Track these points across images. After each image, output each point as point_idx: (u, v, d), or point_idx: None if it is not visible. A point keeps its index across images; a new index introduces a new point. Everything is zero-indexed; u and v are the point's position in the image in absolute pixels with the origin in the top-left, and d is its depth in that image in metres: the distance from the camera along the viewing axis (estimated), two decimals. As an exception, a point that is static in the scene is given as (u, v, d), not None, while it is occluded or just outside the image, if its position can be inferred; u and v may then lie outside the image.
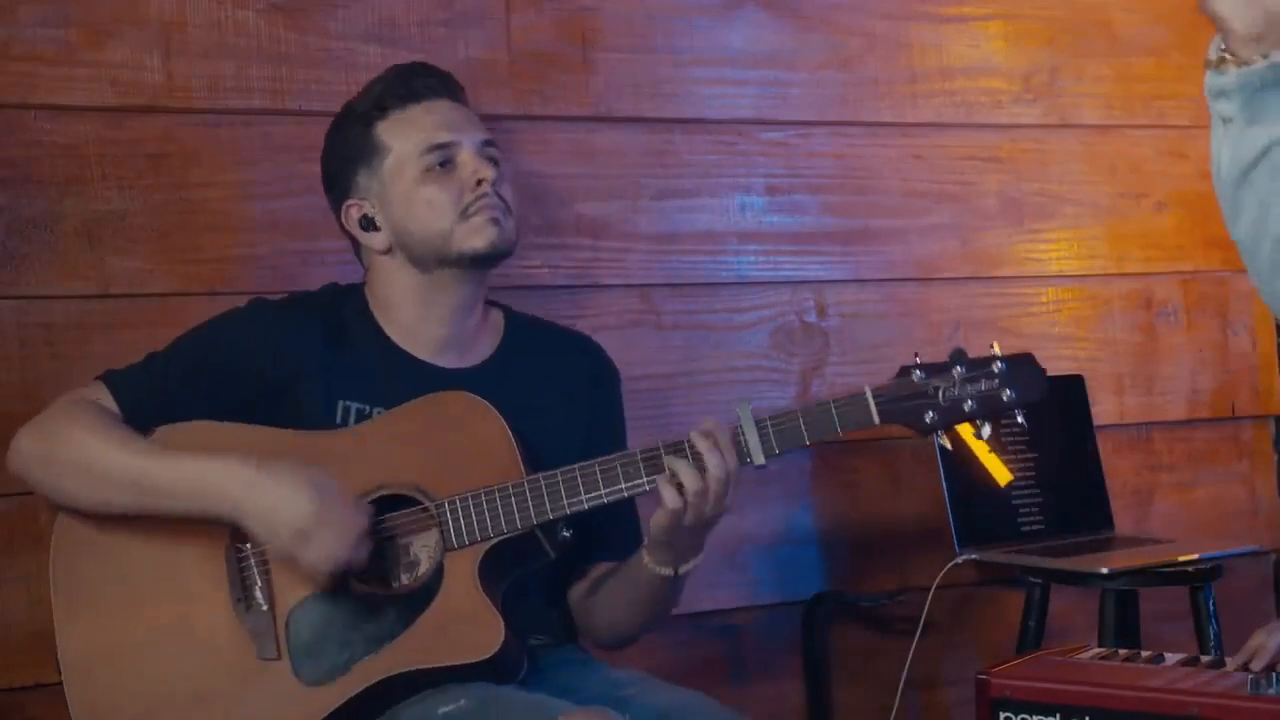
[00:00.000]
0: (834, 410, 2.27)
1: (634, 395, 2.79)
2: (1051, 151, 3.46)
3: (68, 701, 2.25)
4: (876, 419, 2.27)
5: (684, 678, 2.61)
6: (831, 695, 3.20)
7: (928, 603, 3.03)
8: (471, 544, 2.24)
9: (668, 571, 2.33)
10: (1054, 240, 3.45)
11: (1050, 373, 3.32)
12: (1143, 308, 3.54)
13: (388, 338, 2.43)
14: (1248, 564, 3.43)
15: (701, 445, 2.23)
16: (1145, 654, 2.67)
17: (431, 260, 2.40)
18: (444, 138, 2.40)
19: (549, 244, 2.98)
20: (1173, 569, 3.05)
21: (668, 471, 2.24)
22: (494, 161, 2.43)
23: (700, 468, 2.23)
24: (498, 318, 2.52)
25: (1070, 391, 3.32)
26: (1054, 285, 3.46)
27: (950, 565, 3.05)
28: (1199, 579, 3.07)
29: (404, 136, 2.41)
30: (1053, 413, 3.25)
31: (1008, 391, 2.27)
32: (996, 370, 2.27)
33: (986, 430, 2.29)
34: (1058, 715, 2.47)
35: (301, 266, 2.77)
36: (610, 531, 2.42)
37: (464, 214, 2.38)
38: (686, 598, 2.51)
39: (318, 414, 2.36)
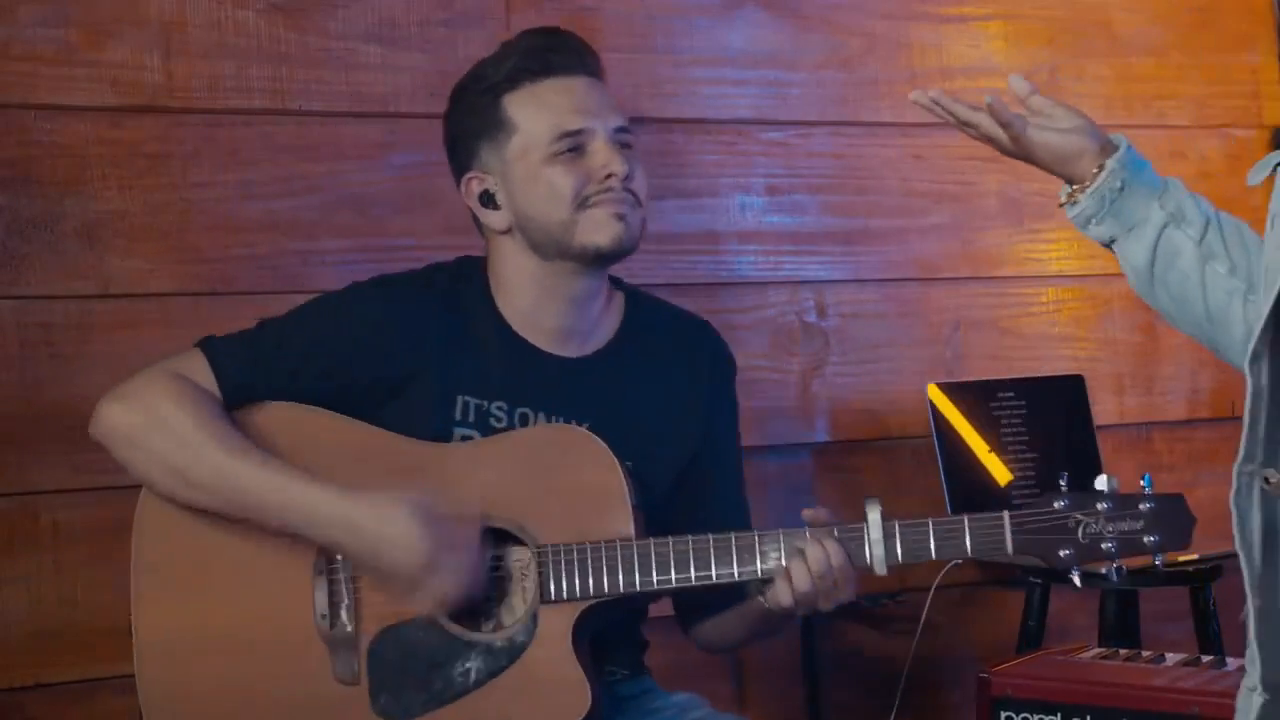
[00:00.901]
0: (967, 529, 2.13)
1: (634, 395, 2.79)
2: (1051, 151, 3.45)
3: (138, 679, 2.18)
4: (1010, 549, 2.13)
5: (684, 678, 2.61)
6: (831, 695, 3.20)
7: (928, 603, 3.03)
8: (570, 600, 2.15)
9: (778, 609, 2.22)
10: (1054, 240, 3.45)
11: (1050, 373, 3.38)
12: (1143, 307, 3.49)
13: (507, 324, 2.30)
14: (1248, 564, 3.42)
15: (812, 553, 2.12)
16: (1145, 654, 2.67)
17: (551, 249, 2.26)
18: (576, 124, 2.24)
19: (549, 244, 2.97)
20: (1173, 569, 3.04)
21: (783, 566, 2.13)
22: (627, 147, 2.27)
23: (812, 571, 2.13)
24: (619, 299, 2.38)
25: (1070, 391, 3.32)
26: (1054, 285, 3.46)
27: (950, 565, 3.04)
28: (1199, 579, 3.07)
29: (533, 115, 2.25)
30: (1053, 413, 3.25)
31: (1151, 537, 2.12)
32: (1143, 510, 2.13)
33: (1119, 575, 2.14)
34: (1058, 715, 2.47)
35: (302, 266, 2.77)
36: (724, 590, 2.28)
37: (583, 204, 2.24)
38: (687, 598, 2.51)
39: (435, 410, 2.25)
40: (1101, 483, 2.13)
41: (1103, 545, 2.11)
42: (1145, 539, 2.12)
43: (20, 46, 2.62)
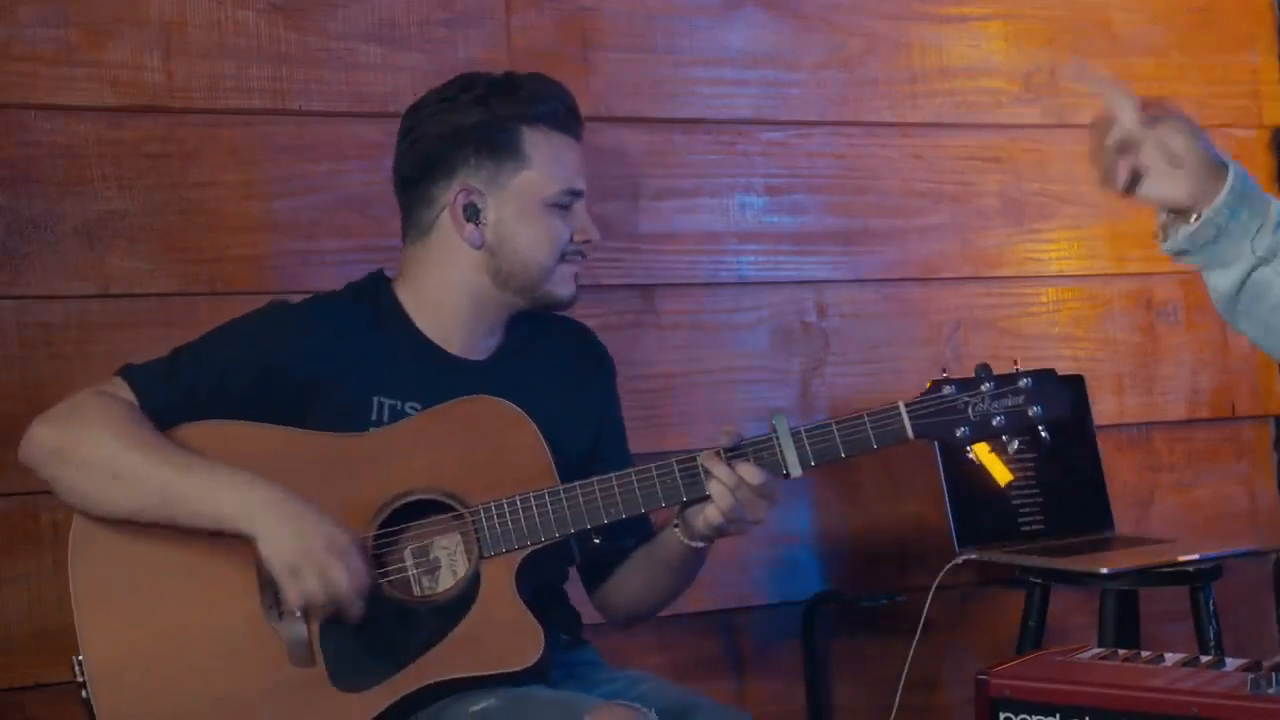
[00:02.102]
0: (868, 423, 2.28)
1: (634, 395, 2.79)
2: (1051, 151, 3.46)
3: (94, 707, 2.19)
4: (910, 433, 2.29)
5: (684, 677, 2.62)
6: (831, 695, 3.20)
7: (928, 603, 3.03)
8: (508, 551, 2.23)
9: (699, 544, 2.35)
10: (1054, 240, 3.45)
11: (1050, 373, 3.38)
12: (1143, 308, 3.54)
13: (419, 330, 2.39)
14: (1248, 564, 3.43)
15: (717, 470, 2.25)
16: (1145, 654, 2.67)
17: (515, 283, 2.38)
18: (580, 185, 2.40)
19: (549, 244, 2.97)
20: (1173, 569, 3.05)
21: (708, 487, 2.26)
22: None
23: (734, 483, 2.25)
24: None
25: (1070, 392, 3.31)
26: (1054, 285, 3.46)
27: (950, 565, 3.04)
28: (1199, 579, 3.07)
29: (549, 160, 2.37)
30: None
31: (1034, 408, 2.31)
32: (1022, 386, 2.31)
33: (1014, 446, 2.32)
34: (1058, 715, 2.46)
35: (302, 266, 2.77)
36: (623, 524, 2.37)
37: (563, 257, 2.38)
38: (687, 597, 2.52)
39: (352, 413, 2.31)
40: (979, 370, 2.31)
41: (993, 421, 2.30)
42: (1029, 411, 2.31)
43: (20, 46, 2.62)
